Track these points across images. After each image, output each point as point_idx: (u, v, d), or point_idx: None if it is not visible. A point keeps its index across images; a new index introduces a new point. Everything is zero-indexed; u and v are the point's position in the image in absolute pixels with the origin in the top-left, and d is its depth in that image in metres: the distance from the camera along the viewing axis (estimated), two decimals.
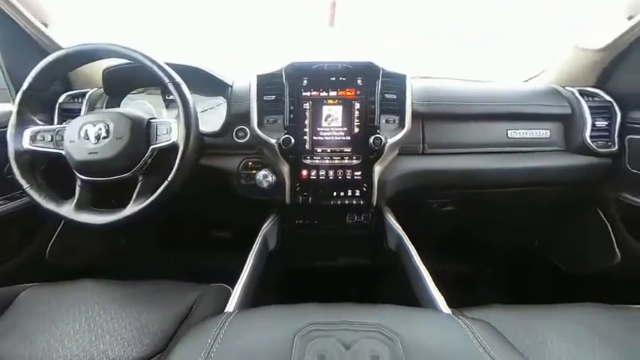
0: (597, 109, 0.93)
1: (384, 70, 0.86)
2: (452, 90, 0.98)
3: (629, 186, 0.92)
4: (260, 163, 0.92)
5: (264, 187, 0.89)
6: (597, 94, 0.96)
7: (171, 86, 0.69)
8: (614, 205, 0.97)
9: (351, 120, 0.88)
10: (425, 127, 0.94)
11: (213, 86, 0.96)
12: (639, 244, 0.90)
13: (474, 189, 0.99)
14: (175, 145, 0.69)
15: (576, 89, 0.97)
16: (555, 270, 1.21)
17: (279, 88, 0.88)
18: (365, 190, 0.89)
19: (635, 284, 0.92)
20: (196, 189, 0.99)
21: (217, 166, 0.94)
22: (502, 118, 0.95)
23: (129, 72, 0.91)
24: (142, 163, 0.70)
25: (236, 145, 0.93)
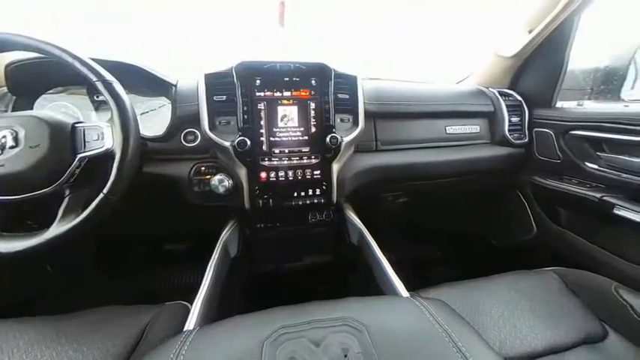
0: (512, 107, 1.11)
1: (335, 72, 0.88)
2: (399, 91, 1.06)
3: (538, 170, 1.12)
4: (214, 167, 0.87)
5: (221, 192, 0.84)
6: (511, 95, 1.14)
7: (100, 85, 0.59)
8: (528, 187, 1.16)
9: (307, 119, 0.88)
10: (377, 126, 1.00)
11: (154, 86, 0.87)
12: (549, 219, 1.10)
13: (422, 180, 1.09)
14: (110, 152, 0.60)
15: (496, 90, 1.14)
16: (491, 246, 1.41)
17: (231, 88, 0.83)
18: (325, 189, 0.90)
19: (547, 251, 1.12)
20: (142, 200, 0.89)
21: (165, 173, 0.85)
22: (442, 116, 1.07)
23: (42, 67, 0.76)
24: (68, 174, 0.59)
25: (185, 149, 0.86)
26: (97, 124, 0.63)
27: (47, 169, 0.58)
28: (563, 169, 1.02)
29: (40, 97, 0.84)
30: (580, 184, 0.96)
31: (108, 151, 0.60)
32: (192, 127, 0.86)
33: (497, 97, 1.12)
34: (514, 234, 1.27)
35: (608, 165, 0.90)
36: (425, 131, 1.06)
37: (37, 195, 0.58)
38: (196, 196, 0.87)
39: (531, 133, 1.11)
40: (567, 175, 1.02)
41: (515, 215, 1.23)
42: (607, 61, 1.11)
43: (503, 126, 1.09)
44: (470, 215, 1.51)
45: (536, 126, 1.10)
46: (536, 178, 1.11)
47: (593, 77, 1.12)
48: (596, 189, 0.91)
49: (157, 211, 1.04)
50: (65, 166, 0.59)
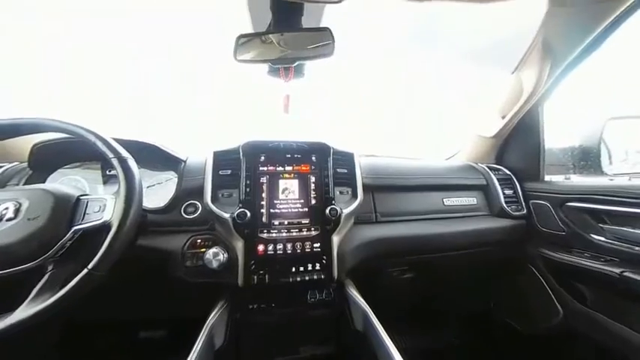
0: (503, 180, 1.16)
1: (334, 149, 0.96)
2: (394, 165, 1.13)
3: (545, 242, 1.09)
4: (210, 240, 0.84)
5: (214, 267, 0.79)
6: (500, 169, 1.22)
7: (115, 161, 0.64)
8: (540, 260, 1.10)
9: (308, 192, 0.91)
10: (375, 198, 1.03)
11: (165, 162, 0.94)
12: (573, 298, 1.00)
13: (424, 254, 1.05)
14: (107, 224, 0.59)
15: (485, 165, 1.22)
16: (512, 331, 1.23)
17: (236, 163, 0.89)
18: (325, 263, 0.86)
19: (580, 339, 0.97)
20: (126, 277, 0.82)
21: (158, 246, 0.82)
22: (437, 189, 1.11)
23: (65, 146, 0.84)
24: (57, 247, 0.57)
25: (184, 221, 0.86)
26: (101, 196, 0.64)
27: (38, 241, 0.56)
28: (570, 240, 0.99)
29: (56, 172, 0.89)
30: (593, 258, 0.92)
31: (105, 224, 0.60)
32: (195, 199, 0.88)
33: (487, 171, 1.19)
34: (537, 317, 1.13)
35: (614, 237, 0.88)
36: (423, 203, 1.08)
37: (19, 270, 0.55)
38: (188, 271, 0.81)
39: (528, 205, 1.13)
40: (576, 248, 0.98)
41: (535, 295, 1.13)
42: (580, 141, 1.23)
43: (499, 198, 1.11)
44: (485, 294, 1.38)
45: (531, 198, 1.13)
46: (545, 251, 1.07)
47: (572, 155, 1.21)
48: (612, 263, 0.86)
49: (139, 291, 0.96)
50: (57, 238, 0.58)
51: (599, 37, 0.84)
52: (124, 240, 0.60)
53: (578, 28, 0.84)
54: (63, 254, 0.59)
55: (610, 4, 0.75)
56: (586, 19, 0.81)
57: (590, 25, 0.82)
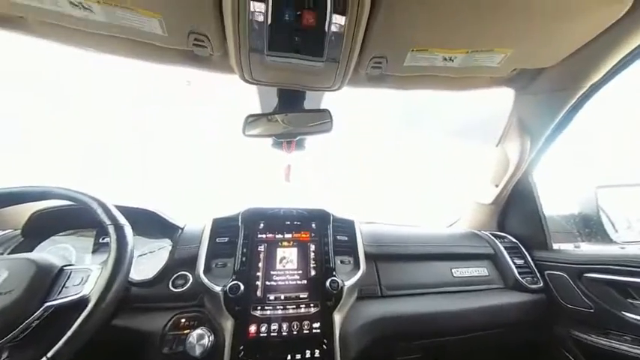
0: (510, 249, 1.11)
1: (334, 216, 0.96)
2: (396, 233, 1.11)
3: (573, 322, 0.96)
4: (196, 319, 0.75)
5: (196, 354, 0.68)
6: (505, 237, 1.18)
7: (111, 228, 0.63)
8: (572, 344, 0.95)
9: (307, 261, 0.86)
10: (379, 268, 0.96)
11: (162, 229, 0.92)
12: None
13: (437, 337, 0.91)
14: (84, 299, 0.54)
15: (489, 233, 1.19)
16: None
17: (234, 230, 0.87)
18: (325, 348, 0.74)
19: None
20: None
21: (136, 326, 0.72)
22: (444, 258, 1.05)
23: (65, 213, 0.84)
24: (21, 329, 0.51)
25: (170, 295, 0.78)
26: (87, 266, 0.61)
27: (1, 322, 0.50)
28: (600, 319, 0.88)
29: (48, 239, 0.86)
30: (635, 342, 0.80)
31: (82, 299, 0.55)
32: (186, 269, 0.82)
33: (492, 238, 1.15)
34: None
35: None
36: (430, 274, 1.00)
37: None
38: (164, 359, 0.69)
39: (544, 276, 1.05)
40: (611, 330, 0.86)
41: None
42: (577, 208, 1.23)
43: (511, 269, 1.04)
44: None
45: (545, 268, 1.06)
46: (577, 333, 0.93)
47: (574, 222, 1.20)
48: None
49: None
50: (24, 317, 0.52)
51: (566, 117, 0.93)
52: (99, 319, 0.53)
53: (545, 110, 0.95)
54: (24, 337, 0.51)
55: (568, 92, 0.87)
56: (550, 104, 0.92)
57: (555, 109, 0.92)
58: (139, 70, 1.70)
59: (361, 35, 0.56)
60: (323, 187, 1.83)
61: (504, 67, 0.74)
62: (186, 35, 0.59)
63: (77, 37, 0.62)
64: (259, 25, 0.53)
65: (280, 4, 0.50)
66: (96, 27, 0.58)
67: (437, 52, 0.66)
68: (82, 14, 0.54)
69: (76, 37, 0.62)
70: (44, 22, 0.58)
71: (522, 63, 0.77)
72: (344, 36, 0.55)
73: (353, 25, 0.53)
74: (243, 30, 0.54)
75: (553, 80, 0.86)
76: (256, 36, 0.55)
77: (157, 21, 0.55)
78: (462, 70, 0.74)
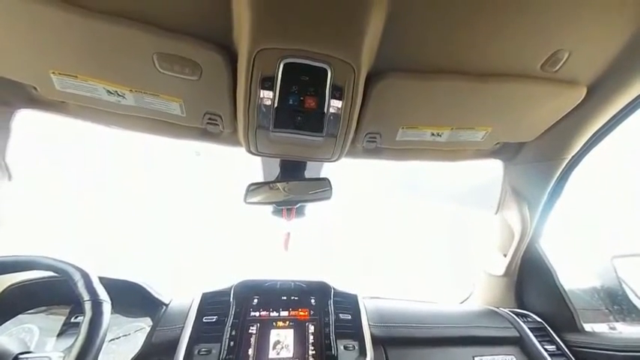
0: (537, 330, 0.97)
1: (335, 290, 0.88)
2: (406, 311, 0.99)
3: None
4: None
5: None
6: (529, 315, 1.05)
7: (88, 305, 0.57)
8: None
9: (305, 347, 0.74)
10: (389, 356, 0.82)
11: (144, 306, 0.82)
12: None
13: None
14: None
15: (509, 310, 1.06)
16: None
17: (225, 307, 0.79)
18: None
19: None
20: None
21: None
22: (464, 343, 0.91)
23: (43, 286, 0.77)
24: None
25: None
26: (46, 354, 0.52)
27: None
28: None
29: (15, 317, 0.76)
30: None
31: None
32: (163, 356, 0.70)
33: (514, 318, 1.02)
34: None
35: None
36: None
37: None
38: None
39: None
40: None
41: None
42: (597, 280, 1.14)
43: (543, 357, 0.89)
44: None
45: (582, 356, 0.90)
46: None
47: (598, 297, 1.09)
48: None
49: None
50: None
51: (558, 185, 0.96)
52: None
53: (536, 179, 0.98)
54: None
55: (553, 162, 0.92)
56: (539, 173, 0.96)
57: (545, 177, 0.95)
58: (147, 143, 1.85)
59: (356, 115, 0.64)
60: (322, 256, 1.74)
61: (487, 141, 0.81)
62: (202, 116, 0.66)
63: (107, 117, 0.70)
64: (267, 108, 0.60)
65: (286, 92, 0.58)
66: (125, 110, 0.66)
67: (425, 129, 0.74)
68: (115, 99, 0.62)
69: (107, 117, 0.70)
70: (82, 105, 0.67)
71: (503, 138, 0.84)
72: (341, 116, 0.62)
73: (349, 108, 0.61)
74: (253, 112, 0.61)
75: (536, 152, 0.92)
76: (264, 117, 0.62)
77: (178, 105, 0.63)
78: (449, 144, 0.80)
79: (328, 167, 0.94)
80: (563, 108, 0.72)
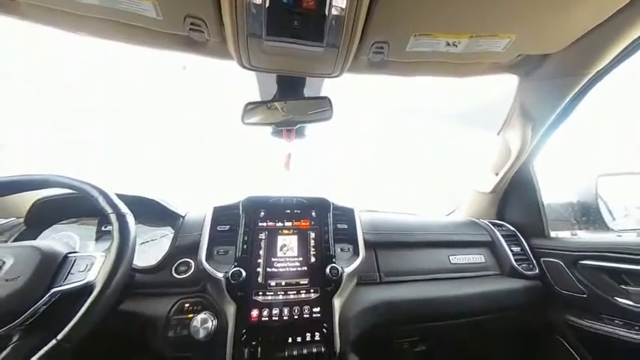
0: (508, 237, 1.13)
1: (334, 205, 0.96)
2: (395, 221, 1.12)
3: (567, 307, 0.99)
4: (199, 304, 0.77)
5: (200, 337, 0.70)
6: (504, 225, 1.19)
7: (113, 217, 0.63)
8: (566, 329, 0.98)
9: (307, 249, 0.87)
10: (378, 256, 0.98)
11: (163, 217, 0.93)
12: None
13: (435, 321, 0.94)
14: (90, 285, 0.56)
15: (487, 221, 1.20)
16: None
17: (235, 219, 0.88)
18: (325, 332, 0.76)
19: None
20: (99, 349, 0.73)
21: (141, 311, 0.74)
22: (442, 245, 1.07)
23: (66, 202, 0.84)
24: (29, 314, 0.52)
25: (174, 281, 0.80)
26: (91, 254, 0.62)
27: (8, 307, 0.52)
28: (593, 304, 0.91)
29: (50, 228, 0.87)
30: (627, 326, 0.82)
31: (87, 285, 0.56)
32: (188, 256, 0.83)
33: (490, 227, 1.16)
34: None
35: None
36: (428, 261, 1.02)
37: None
38: (169, 343, 0.71)
39: (540, 264, 1.07)
40: (604, 314, 0.89)
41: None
42: (577, 196, 1.24)
43: (508, 256, 1.06)
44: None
45: (541, 255, 1.08)
46: (570, 318, 0.96)
47: (573, 210, 1.21)
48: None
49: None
50: (31, 302, 0.53)
51: (570, 105, 0.92)
52: (105, 305, 0.55)
53: (549, 97, 0.94)
54: (33, 321, 0.53)
55: (573, 78, 0.86)
56: (555, 90, 0.91)
57: (560, 95, 0.91)
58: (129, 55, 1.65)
59: (362, 19, 0.55)
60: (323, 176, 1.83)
61: (509, 52, 0.73)
62: (183, 19, 0.57)
63: (70, 20, 0.60)
64: (257, 9, 0.51)
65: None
66: (89, 10, 0.56)
67: (440, 37, 0.64)
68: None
69: (69, 20, 0.60)
70: (36, 4, 0.56)
71: (527, 49, 0.75)
72: (345, 20, 0.53)
73: (354, 9, 0.51)
74: (241, 14, 0.52)
75: (558, 66, 0.84)
76: (254, 20, 0.53)
77: (151, 4, 0.54)
78: (465, 56, 0.72)
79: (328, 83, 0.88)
80: (603, 11, 0.61)
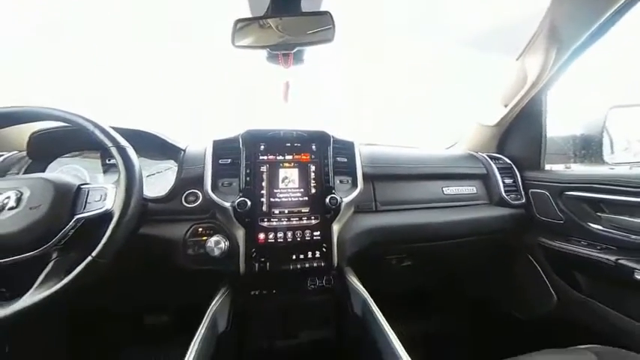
0: (503, 169, 1.16)
1: (334, 138, 0.96)
2: (394, 154, 1.13)
3: (543, 231, 1.10)
4: (211, 228, 0.85)
5: (216, 255, 0.80)
6: (501, 158, 1.21)
7: (114, 150, 0.63)
8: (538, 249, 1.12)
9: (308, 181, 0.91)
10: (375, 187, 1.03)
11: (164, 150, 0.93)
12: (568, 286, 1.02)
13: (424, 242, 1.06)
14: (109, 213, 0.60)
15: (485, 154, 1.22)
16: (508, 317, 1.26)
17: (236, 152, 0.89)
18: (325, 250, 0.87)
19: (573, 324, 1.00)
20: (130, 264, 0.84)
21: (160, 234, 0.83)
22: (437, 178, 1.11)
23: (63, 134, 0.83)
24: (61, 235, 0.58)
25: (185, 210, 0.86)
26: (102, 185, 0.65)
27: (40, 230, 0.57)
28: (568, 229, 1.00)
29: (54, 161, 0.88)
30: (590, 246, 0.93)
31: (107, 212, 0.60)
32: (195, 188, 0.88)
33: (487, 160, 1.18)
34: (534, 304, 1.15)
35: (611, 225, 0.88)
36: (422, 192, 1.08)
37: (22, 259, 0.55)
38: (189, 259, 0.82)
39: (527, 194, 1.13)
40: (574, 237, 0.99)
41: (531, 282, 1.15)
42: (582, 130, 1.21)
43: (499, 187, 1.11)
44: (482, 282, 1.40)
45: (531, 187, 1.13)
46: (543, 240, 1.08)
47: (573, 143, 1.20)
48: (609, 251, 0.88)
49: (143, 277, 0.97)
50: (60, 227, 0.58)
51: (607, 21, 0.82)
52: (127, 228, 0.60)
53: (586, 11, 0.82)
54: (66, 242, 0.59)
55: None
56: (595, 2, 0.79)
57: (599, 9, 0.80)
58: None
59: None
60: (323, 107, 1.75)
61: None
62: None
63: None
64: None
65: None
66: None
67: None
68: None
69: None
70: None
71: None
72: None
73: None
74: None
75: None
76: None
77: None
78: None
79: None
80: None
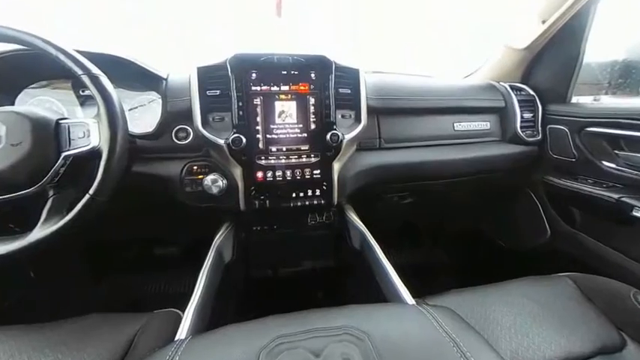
0: (524, 102, 1.04)
1: (336, 64, 0.83)
2: (403, 85, 1.00)
3: (552, 169, 1.06)
4: (207, 166, 0.82)
5: (214, 192, 0.79)
6: (524, 89, 1.08)
7: (86, 79, 0.55)
8: (541, 186, 1.10)
9: (307, 116, 0.83)
10: (380, 122, 0.95)
11: (143, 80, 0.82)
12: (563, 221, 1.04)
13: (429, 180, 1.04)
14: (97, 150, 0.56)
15: (507, 84, 1.08)
16: (500, 249, 1.35)
17: (225, 82, 0.78)
18: (325, 189, 0.85)
19: (561, 256, 1.06)
20: (131, 202, 0.84)
21: (155, 172, 0.80)
22: (449, 112, 1.01)
23: (24, 60, 0.72)
24: (52, 173, 0.56)
25: (177, 147, 0.81)
26: (82, 120, 0.59)
27: (30, 167, 0.54)
28: (579, 168, 0.96)
29: (22, 92, 0.79)
30: (596, 184, 0.91)
31: (94, 150, 0.56)
32: (184, 123, 0.81)
33: (508, 91, 1.05)
34: (526, 237, 1.21)
35: (626, 164, 0.84)
36: (431, 128, 1.00)
37: (19, 196, 0.55)
38: (188, 196, 0.82)
39: (545, 130, 1.05)
40: (583, 175, 0.96)
41: (528, 217, 1.17)
42: (625, 54, 1.04)
43: (515, 122, 1.02)
44: (478, 215, 1.45)
45: (550, 122, 1.04)
46: (550, 178, 1.05)
47: (611, 71, 1.05)
48: (614, 189, 0.86)
49: (147, 214, 1.00)
50: (49, 164, 0.55)
51: None
52: (119, 166, 0.57)
53: None
54: (60, 180, 0.58)
55: None
56: None
57: None
58: None
59: None
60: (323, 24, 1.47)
61: None
62: None
63: None
64: None
65: None
66: None
67: None
68: None
69: None
70: None
71: None
72: None
73: None
74: None
75: None
76: None
77: None
78: None
79: None
80: None
